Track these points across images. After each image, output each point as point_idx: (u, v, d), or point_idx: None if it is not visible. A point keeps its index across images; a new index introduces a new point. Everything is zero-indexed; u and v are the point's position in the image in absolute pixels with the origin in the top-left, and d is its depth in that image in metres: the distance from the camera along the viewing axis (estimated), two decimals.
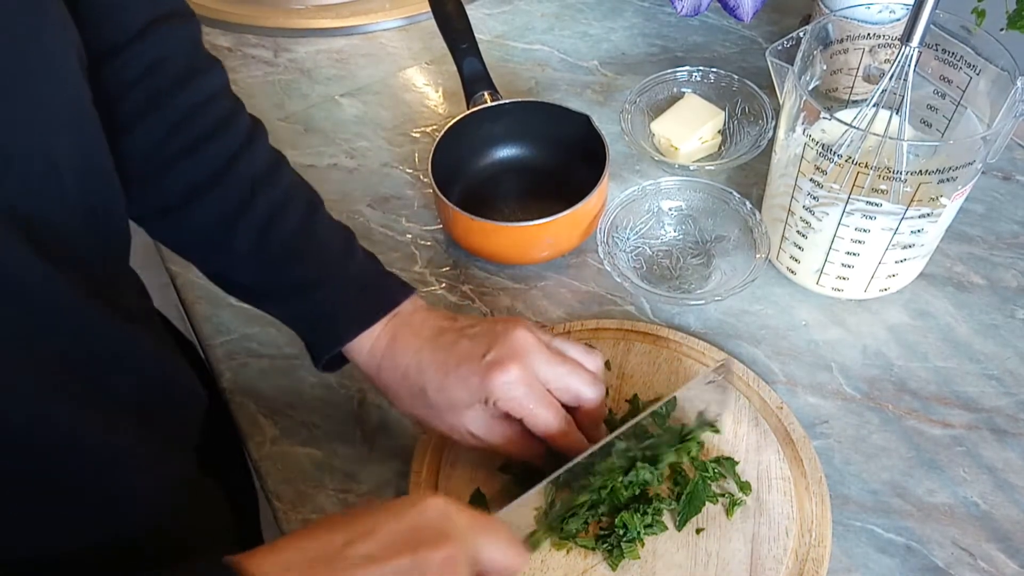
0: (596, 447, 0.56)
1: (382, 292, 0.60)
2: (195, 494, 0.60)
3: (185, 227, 0.58)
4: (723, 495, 0.60)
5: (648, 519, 0.58)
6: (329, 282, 0.58)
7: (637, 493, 0.59)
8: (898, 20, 0.76)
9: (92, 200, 0.47)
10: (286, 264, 0.58)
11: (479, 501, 0.61)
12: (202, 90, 0.56)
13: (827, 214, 0.66)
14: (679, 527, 0.59)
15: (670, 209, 0.78)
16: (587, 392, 0.57)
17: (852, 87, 0.75)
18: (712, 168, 0.82)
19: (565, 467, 0.55)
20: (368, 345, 0.58)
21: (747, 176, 0.83)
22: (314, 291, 0.58)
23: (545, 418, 0.56)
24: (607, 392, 0.63)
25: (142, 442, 0.51)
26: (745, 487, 0.61)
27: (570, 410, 0.57)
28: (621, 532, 0.58)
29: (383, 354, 0.58)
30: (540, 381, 0.55)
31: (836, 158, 0.62)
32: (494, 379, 0.54)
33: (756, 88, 0.85)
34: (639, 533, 0.58)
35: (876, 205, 0.63)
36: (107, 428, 0.48)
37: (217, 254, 0.59)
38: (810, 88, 0.72)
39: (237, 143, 0.58)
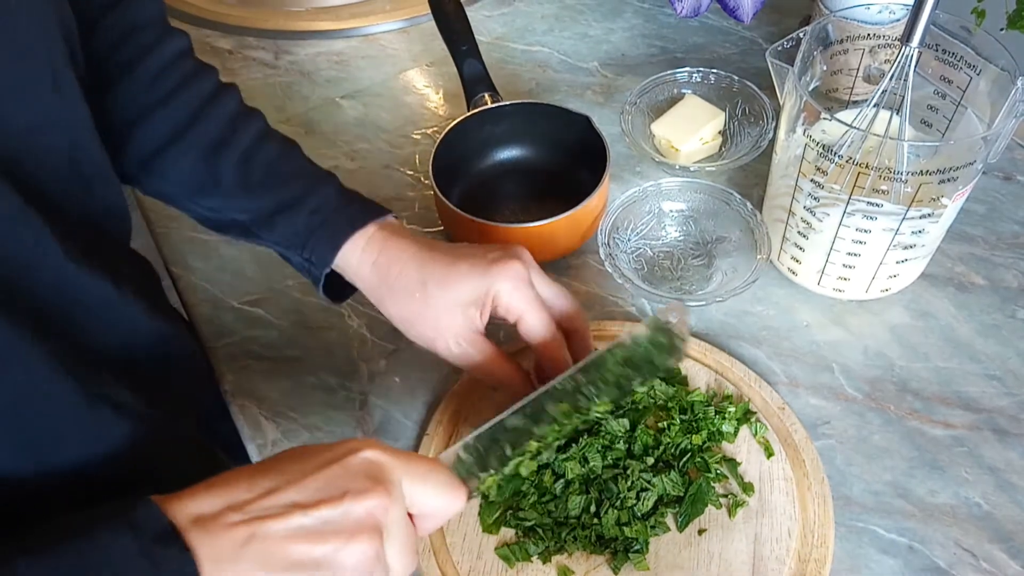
0: (545, 387, 0.56)
1: (368, 202, 0.62)
2: (190, 454, 0.62)
3: (172, 172, 0.61)
4: (725, 496, 0.60)
5: (652, 522, 0.58)
6: (316, 193, 0.60)
7: (586, 426, 0.60)
8: (898, 20, 0.77)
9: (80, 159, 0.50)
10: (273, 187, 0.60)
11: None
12: (171, 51, 0.61)
13: (828, 215, 0.66)
14: (681, 528, 0.59)
15: (671, 210, 0.78)
16: (566, 303, 0.60)
17: (852, 88, 0.75)
18: (713, 169, 0.82)
19: (514, 407, 0.55)
20: (361, 244, 0.59)
21: (748, 177, 0.83)
22: (303, 205, 0.60)
23: (540, 318, 0.58)
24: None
25: (129, 399, 0.53)
26: (748, 488, 0.61)
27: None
28: (629, 541, 0.58)
29: (380, 249, 0.59)
30: (533, 286, 0.58)
31: (837, 159, 0.62)
32: (499, 271, 0.56)
33: (756, 89, 0.85)
34: (646, 543, 0.58)
35: (877, 206, 0.63)
36: (88, 383, 0.49)
37: (205, 194, 0.61)
38: (810, 89, 0.72)
39: (209, 89, 0.62)
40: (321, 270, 0.60)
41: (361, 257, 0.59)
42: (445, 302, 0.57)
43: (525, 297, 0.57)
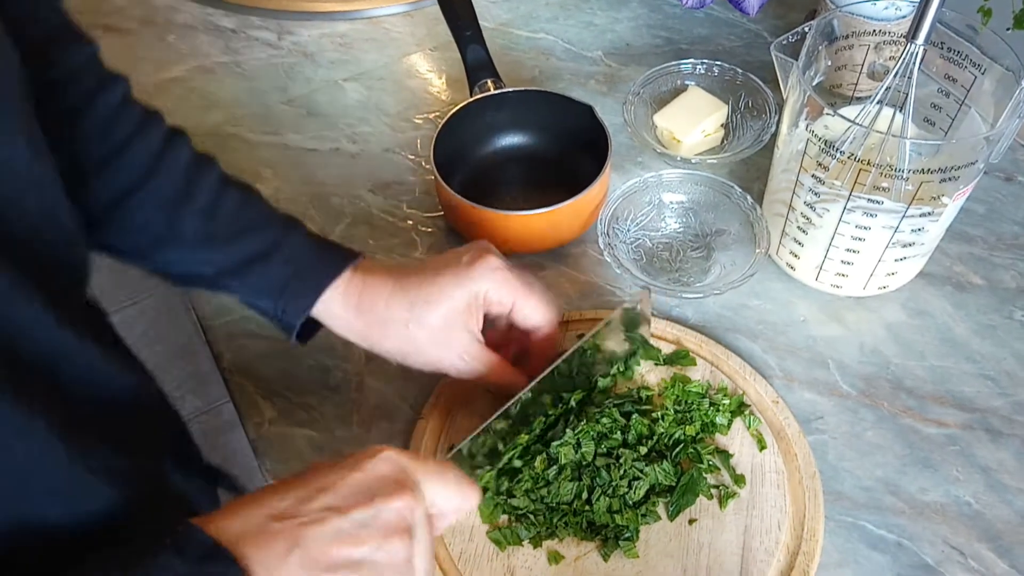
0: (535, 381, 0.59)
1: (338, 248, 0.61)
2: (157, 498, 0.59)
3: (130, 226, 0.58)
4: (717, 487, 0.61)
5: (643, 511, 0.59)
6: (287, 243, 0.59)
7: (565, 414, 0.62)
8: (904, 17, 0.76)
9: (58, 215, 0.48)
10: (240, 238, 0.58)
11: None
12: (116, 96, 0.57)
13: (828, 211, 0.66)
14: (671, 517, 0.59)
15: (671, 202, 0.78)
16: (546, 304, 0.61)
17: (856, 84, 0.75)
18: (714, 162, 0.82)
19: (507, 404, 0.58)
20: (341, 292, 0.58)
21: (749, 170, 0.83)
22: (275, 256, 0.58)
23: (536, 301, 0.59)
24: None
25: (112, 456, 0.50)
26: (739, 480, 0.61)
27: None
28: (620, 528, 0.58)
29: (359, 292, 0.58)
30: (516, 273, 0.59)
31: (838, 155, 0.62)
32: (479, 270, 0.57)
33: (760, 82, 0.85)
34: (637, 531, 0.58)
35: (877, 203, 0.63)
36: (75, 446, 0.47)
37: (166, 247, 0.59)
38: (814, 84, 0.72)
39: (162, 136, 0.58)
40: (296, 319, 0.58)
41: (344, 303, 0.58)
42: (440, 321, 0.57)
43: (512, 286, 0.58)
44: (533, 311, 0.59)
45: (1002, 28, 0.71)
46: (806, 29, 0.67)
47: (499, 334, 0.64)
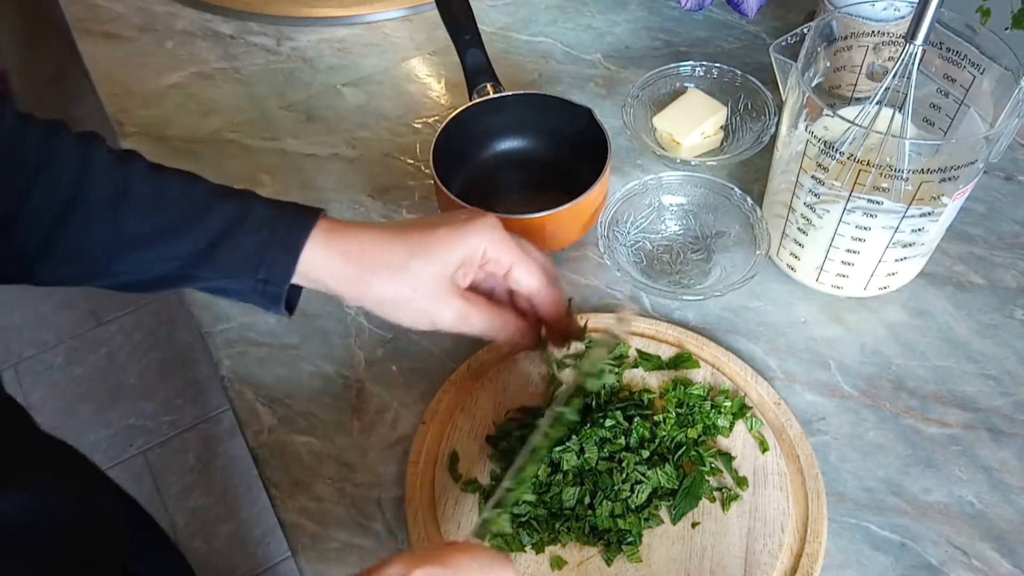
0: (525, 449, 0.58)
1: (299, 205, 0.57)
2: None
3: (76, 249, 0.53)
4: (719, 489, 0.61)
5: (646, 514, 0.59)
6: (250, 210, 0.55)
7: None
8: (903, 18, 0.76)
9: None
10: (198, 220, 0.54)
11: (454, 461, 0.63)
12: (7, 122, 0.52)
13: (828, 211, 0.66)
14: (674, 521, 0.59)
15: (671, 204, 0.78)
16: (541, 267, 0.59)
17: (855, 84, 0.75)
18: (714, 163, 0.82)
19: (508, 474, 0.57)
20: (322, 239, 0.55)
21: (749, 172, 0.83)
22: (241, 226, 0.54)
23: (531, 264, 0.58)
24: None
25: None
26: (742, 482, 0.61)
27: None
28: (622, 533, 0.58)
29: (345, 238, 0.55)
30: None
31: (838, 155, 0.62)
32: (479, 227, 0.56)
33: (759, 84, 0.85)
34: (640, 535, 0.58)
35: (877, 203, 0.63)
36: None
37: (121, 256, 0.54)
38: (813, 85, 0.72)
39: (73, 144, 0.53)
40: (282, 285, 0.55)
41: (329, 252, 0.55)
42: (434, 270, 0.55)
43: (510, 247, 0.57)
44: (528, 274, 0.58)
45: (1001, 28, 0.71)
46: (805, 30, 0.67)
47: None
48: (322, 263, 0.55)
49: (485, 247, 0.56)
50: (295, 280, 0.55)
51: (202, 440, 1.77)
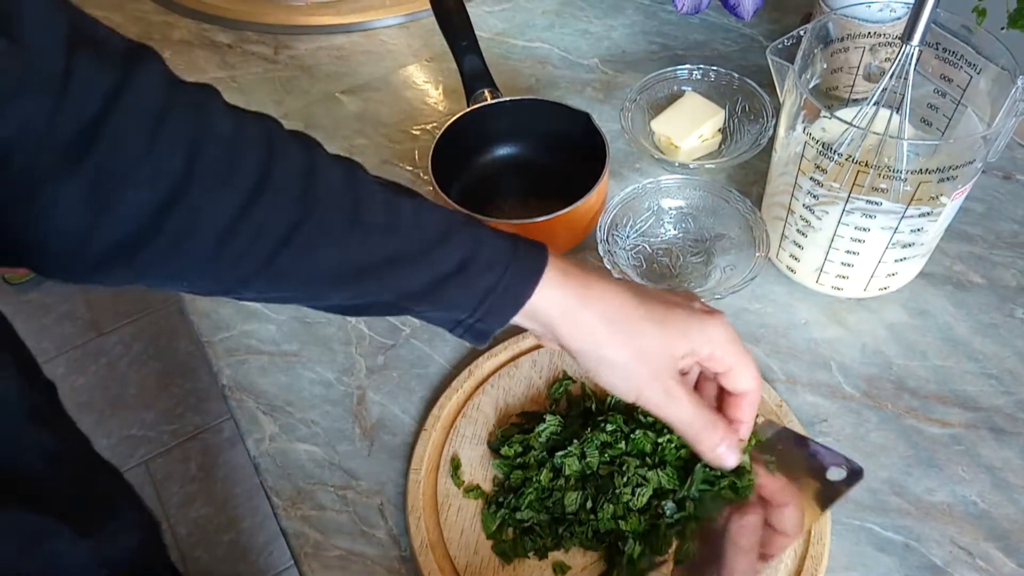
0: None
1: (526, 240, 0.52)
2: None
3: (300, 268, 0.46)
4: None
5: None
6: (483, 248, 0.50)
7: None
8: (899, 19, 0.76)
9: None
10: (429, 251, 0.49)
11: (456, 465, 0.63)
12: (221, 121, 0.45)
13: (827, 213, 0.66)
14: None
15: (670, 207, 0.78)
16: (757, 371, 0.56)
17: (852, 86, 0.75)
18: (712, 166, 0.82)
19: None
20: (558, 283, 0.51)
21: (747, 174, 0.83)
22: (473, 265, 0.49)
23: (752, 367, 0.54)
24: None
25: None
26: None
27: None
28: (625, 535, 0.58)
29: (580, 284, 0.51)
30: None
31: (836, 157, 0.62)
32: (715, 321, 0.53)
33: (756, 86, 0.85)
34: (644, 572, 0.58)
35: (876, 204, 0.63)
36: None
37: (349, 281, 0.48)
38: (810, 86, 0.72)
39: (301, 154, 0.46)
40: (495, 328, 0.51)
41: (564, 294, 0.51)
42: (663, 348, 0.51)
43: (738, 349, 0.53)
44: (747, 378, 0.54)
45: (997, 28, 0.72)
46: (801, 33, 0.67)
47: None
48: (555, 304, 0.51)
49: (717, 343, 0.52)
50: (515, 318, 0.52)
51: (203, 449, 1.77)
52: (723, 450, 0.54)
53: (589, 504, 0.59)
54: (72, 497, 0.46)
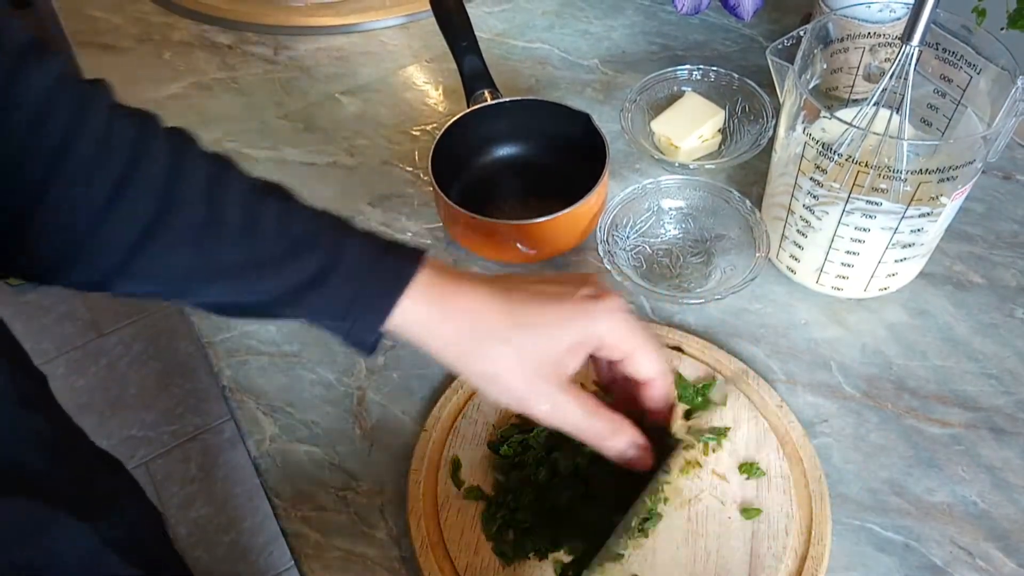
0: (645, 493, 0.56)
1: (403, 248, 0.51)
2: None
3: (155, 271, 0.48)
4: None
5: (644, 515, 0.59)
6: (344, 256, 0.49)
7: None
8: (898, 19, 0.76)
9: None
10: (288, 261, 0.49)
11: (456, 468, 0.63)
12: (99, 115, 0.46)
13: (827, 213, 0.66)
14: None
15: (670, 208, 0.78)
16: (661, 354, 0.53)
17: (852, 86, 0.75)
18: (712, 167, 0.82)
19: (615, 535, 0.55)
20: (422, 297, 0.49)
21: (747, 175, 0.83)
22: (331, 276, 0.49)
23: (653, 353, 0.51)
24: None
25: None
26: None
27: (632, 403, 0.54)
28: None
29: (442, 295, 0.49)
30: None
31: (836, 157, 0.62)
32: (602, 306, 0.49)
33: (756, 87, 0.85)
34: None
35: (876, 204, 0.63)
36: None
37: (205, 283, 0.49)
38: (810, 87, 0.72)
39: (167, 154, 0.48)
40: (367, 337, 0.50)
41: (428, 311, 0.49)
42: (539, 349, 0.49)
43: (636, 331, 0.50)
44: (650, 362, 0.51)
45: (997, 28, 0.72)
46: (801, 33, 0.67)
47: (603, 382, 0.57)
48: (421, 322, 0.49)
49: (604, 334, 0.49)
50: (393, 329, 0.50)
51: (203, 450, 1.77)
52: (631, 454, 0.52)
53: (581, 501, 0.59)
54: (71, 484, 0.46)
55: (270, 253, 0.49)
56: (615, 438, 0.51)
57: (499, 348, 0.49)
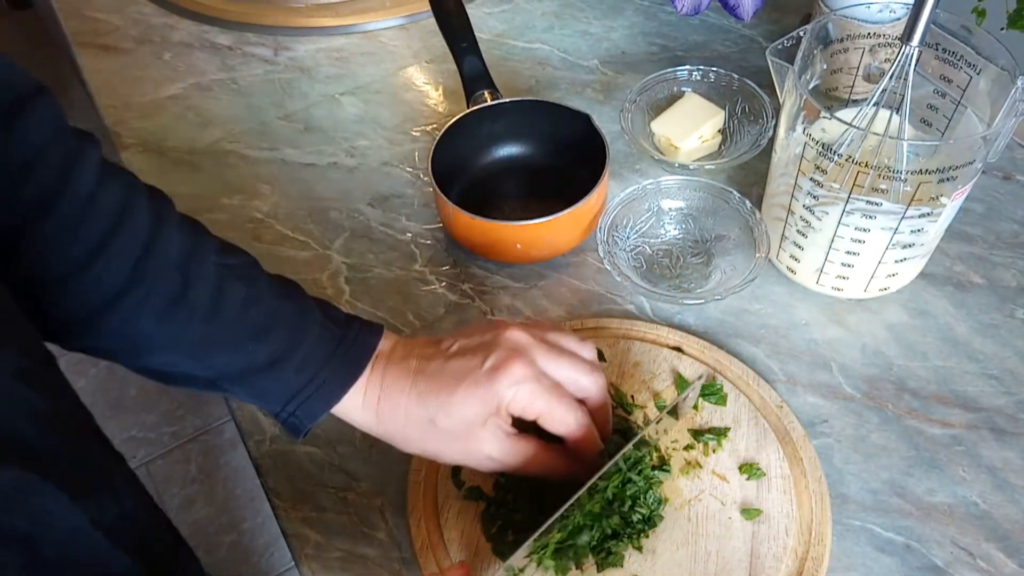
0: (595, 478, 0.56)
1: (356, 342, 0.56)
2: None
3: (115, 333, 0.51)
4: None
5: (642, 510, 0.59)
6: (299, 348, 0.53)
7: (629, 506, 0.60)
8: (898, 19, 0.76)
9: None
10: (247, 342, 0.52)
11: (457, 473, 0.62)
12: (90, 174, 0.48)
13: (827, 213, 0.66)
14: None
15: (670, 208, 0.78)
16: (588, 381, 0.56)
17: (852, 86, 0.75)
18: (712, 167, 0.82)
19: (565, 505, 0.55)
20: (360, 399, 0.55)
21: (747, 175, 0.83)
22: (284, 363, 0.53)
23: (562, 412, 0.54)
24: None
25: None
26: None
27: None
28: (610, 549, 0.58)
29: (379, 400, 0.55)
30: (546, 376, 0.55)
31: (836, 157, 0.62)
32: (500, 382, 0.53)
33: (756, 87, 0.85)
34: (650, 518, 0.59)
35: (876, 204, 0.63)
36: None
37: (159, 352, 0.52)
38: (810, 87, 0.72)
39: (147, 221, 0.50)
40: (307, 424, 0.55)
41: (363, 414, 0.56)
42: (459, 430, 0.54)
43: (540, 396, 0.54)
44: (560, 423, 0.55)
45: (996, 28, 0.72)
46: (801, 33, 0.67)
47: None
48: (357, 419, 0.56)
49: (510, 401, 0.53)
50: (335, 414, 0.56)
51: (204, 451, 1.77)
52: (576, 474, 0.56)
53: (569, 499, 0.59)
54: (63, 459, 0.46)
55: (229, 336, 0.52)
56: (545, 468, 0.56)
57: (427, 435, 0.55)
